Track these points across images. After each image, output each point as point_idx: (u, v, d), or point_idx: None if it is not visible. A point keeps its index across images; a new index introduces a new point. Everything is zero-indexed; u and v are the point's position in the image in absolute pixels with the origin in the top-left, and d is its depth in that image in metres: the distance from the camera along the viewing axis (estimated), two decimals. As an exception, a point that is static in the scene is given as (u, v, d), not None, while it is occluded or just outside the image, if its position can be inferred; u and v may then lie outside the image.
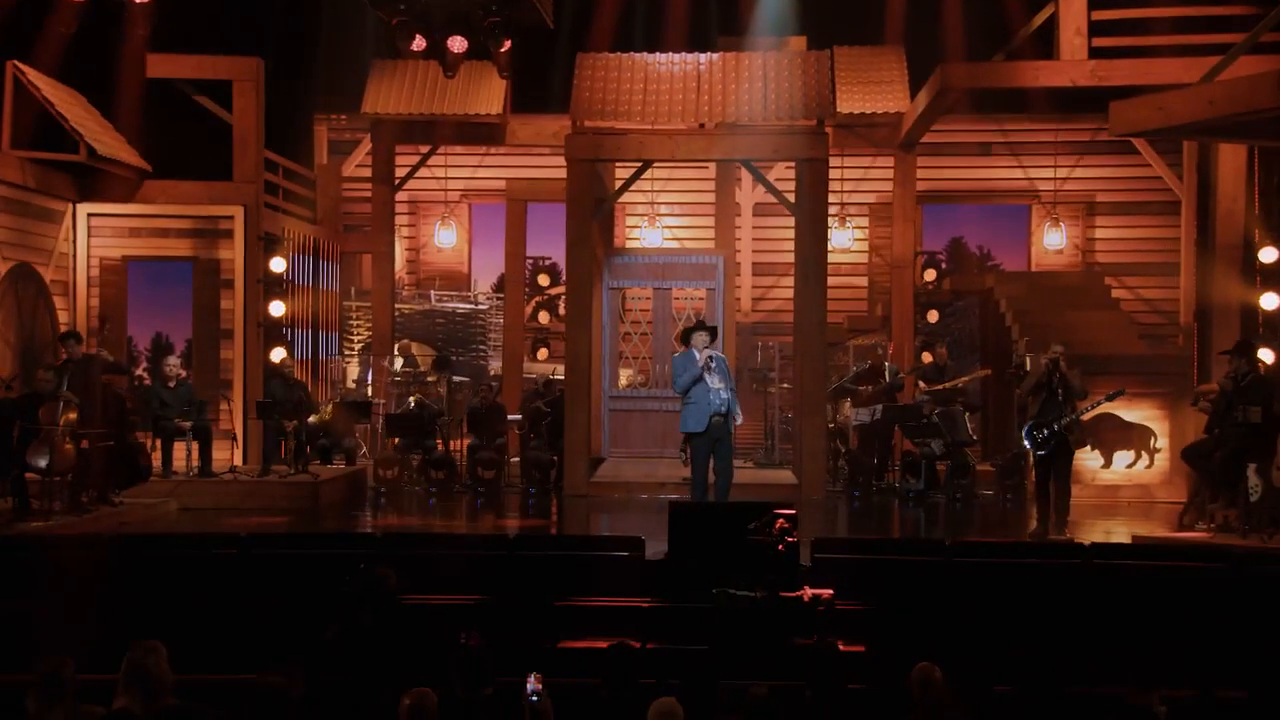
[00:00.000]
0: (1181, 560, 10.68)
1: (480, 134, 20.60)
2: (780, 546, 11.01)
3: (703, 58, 17.49)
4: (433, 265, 22.90)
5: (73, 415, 13.28)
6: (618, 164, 19.31)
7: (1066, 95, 17.63)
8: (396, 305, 21.13)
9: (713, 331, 13.66)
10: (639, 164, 17.38)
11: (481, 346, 22.21)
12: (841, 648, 9.33)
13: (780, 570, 10.84)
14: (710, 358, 13.18)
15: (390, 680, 7.94)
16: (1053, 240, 22.02)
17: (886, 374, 17.80)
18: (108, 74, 16.85)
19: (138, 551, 10.81)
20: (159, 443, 15.81)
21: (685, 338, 13.46)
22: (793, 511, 11.20)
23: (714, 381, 13.15)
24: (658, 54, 17.61)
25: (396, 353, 20.44)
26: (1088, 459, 16.70)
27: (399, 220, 22.09)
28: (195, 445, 15.93)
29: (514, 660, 9.52)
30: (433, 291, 22.26)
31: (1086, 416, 15.44)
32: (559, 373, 18.31)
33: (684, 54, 17.56)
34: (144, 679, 7.03)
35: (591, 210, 16.96)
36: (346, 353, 21.27)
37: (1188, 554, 10.98)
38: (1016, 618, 10.15)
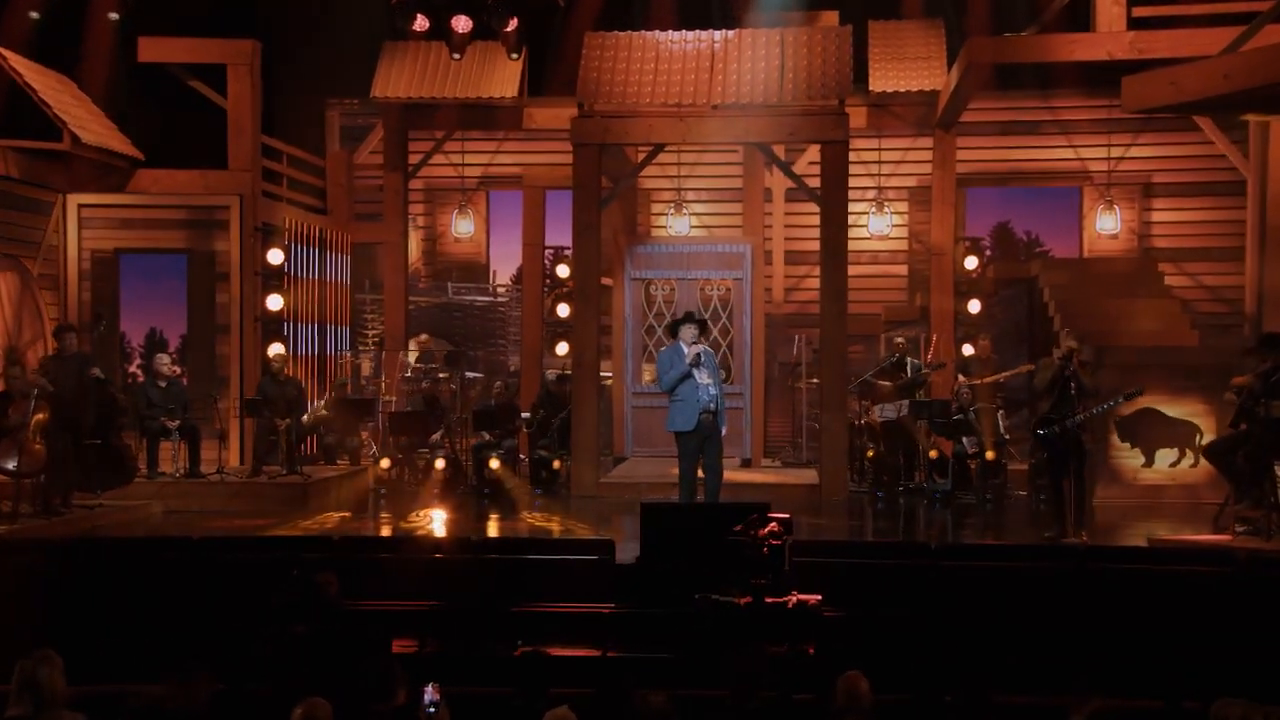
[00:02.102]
0: (1180, 564, 10.54)
1: (496, 118, 20.57)
2: (765, 550, 10.98)
3: (717, 35, 17.40)
4: (450, 256, 22.93)
5: (41, 416, 13.42)
6: (640, 149, 19.30)
7: (1103, 70, 17.33)
8: (412, 298, 21.18)
9: (702, 325, 13.58)
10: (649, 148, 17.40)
11: (501, 341, 22.24)
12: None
13: (763, 574, 10.81)
14: (699, 354, 13.11)
15: (316, 690, 7.98)
16: (1106, 224, 21.64)
17: (908, 369, 17.62)
18: (96, 59, 17.07)
19: (80, 556, 10.95)
20: (145, 442, 15.99)
21: (673, 331, 13.40)
22: (786, 515, 11.15)
23: (702, 377, 13.04)
24: (670, 32, 17.54)
25: (414, 347, 20.54)
26: (1128, 458, 16.46)
27: (415, 210, 22.16)
28: (183, 446, 16.12)
29: (466, 668, 9.66)
30: (450, 284, 22.30)
31: (1125, 411, 15.34)
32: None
33: (697, 32, 17.45)
34: (35, 690, 7.13)
35: (599, 197, 16.96)
36: (362, 348, 21.38)
37: (1189, 558, 10.82)
38: (1002, 624, 10.07)
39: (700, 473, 13.48)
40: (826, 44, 17.10)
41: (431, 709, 6.89)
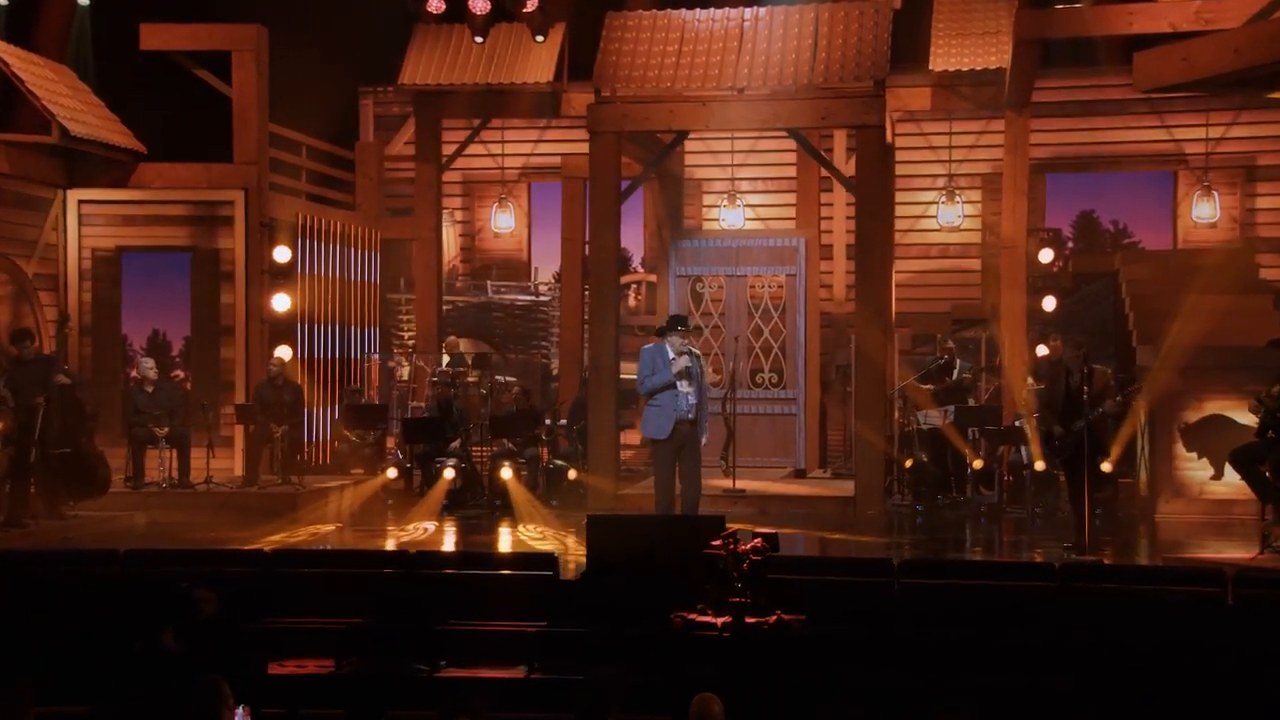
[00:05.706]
0: (1165, 584, 10.42)
1: (534, 106, 20.60)
2: (745, 566, 11.02)
3: (747, 13, 17.35)
4: (489, 252, 23.12)
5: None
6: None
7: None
8: (448, 297, 21.34)
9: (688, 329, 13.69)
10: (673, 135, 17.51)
11: (543, 342, 22.37)
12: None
13: (733, 592, 10.86)
14: (686, 367, 13.10)
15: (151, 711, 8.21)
16: (1203, 212, 21.17)
17: (955, 371, 17.48)
18: (55, 41, 17.57)
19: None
20: (131, 450, 16.40)
21: (663, 333, 13.41)
22: (772, 531, 11.18)
23: (684, 385, 13.11)
24: (696, 10, 17.56)
25: (444, 350, 20.72)
26: (1194, 469, 16.16)
27: (452, 204, 22.37)
28: (172, 454, 16.51)
29: (383, 691, 9.84)
30: (489, 282, 22.49)
31: (1191, 419, 15.10)
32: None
33: (725, 10, 17.46)
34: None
35: (618, 189, 17.07)
36: (398, 349, 21.58)
37: (1177, 578, 10.68)
38: (959, 648, 10.04)
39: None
40: (864, 21, 16.99)
41: (241, 733, 7.09)
